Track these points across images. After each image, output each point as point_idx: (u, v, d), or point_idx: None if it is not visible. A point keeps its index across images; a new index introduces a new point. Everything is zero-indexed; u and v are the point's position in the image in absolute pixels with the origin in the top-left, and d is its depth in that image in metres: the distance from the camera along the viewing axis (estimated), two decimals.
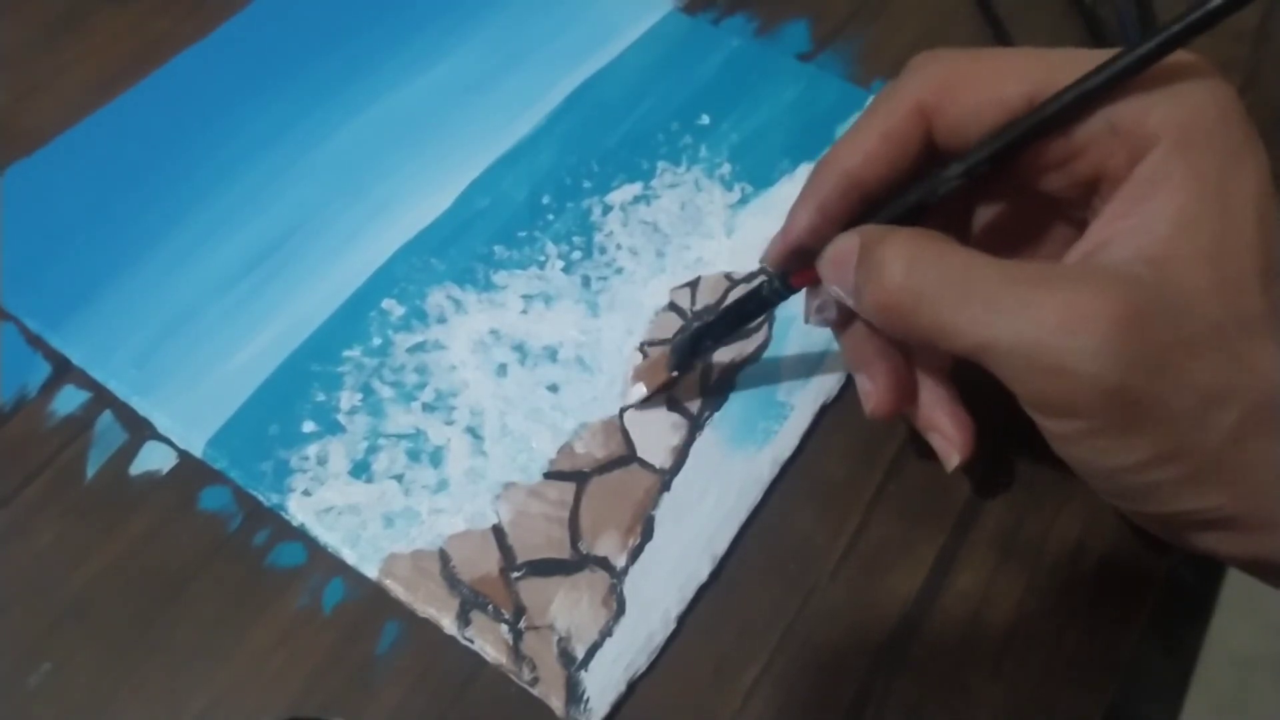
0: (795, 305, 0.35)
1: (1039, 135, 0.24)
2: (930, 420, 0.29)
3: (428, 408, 0.33)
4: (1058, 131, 0.24)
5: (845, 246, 0.25)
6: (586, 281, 0.36)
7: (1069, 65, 0.23)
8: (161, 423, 0.33)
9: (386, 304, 0.36)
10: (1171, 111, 0.22)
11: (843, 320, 0.29)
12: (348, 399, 0.33)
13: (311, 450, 0.32)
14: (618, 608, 0.29)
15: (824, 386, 0.34)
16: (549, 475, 0.32)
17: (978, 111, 0.24)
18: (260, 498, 0.32)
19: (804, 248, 0.27)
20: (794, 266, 0.28)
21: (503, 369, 0.34)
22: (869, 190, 0.26)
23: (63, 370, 0.35)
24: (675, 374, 0.32)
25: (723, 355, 0.34)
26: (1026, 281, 0.22)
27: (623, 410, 0.33)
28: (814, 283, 0.28)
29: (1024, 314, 0.21)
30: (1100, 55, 0.23)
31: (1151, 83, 0.22)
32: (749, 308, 0.30)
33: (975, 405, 0.29)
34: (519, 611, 0.29)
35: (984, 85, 0.24)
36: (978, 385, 0.26)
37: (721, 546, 0.30)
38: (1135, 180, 0.23)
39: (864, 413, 0.29)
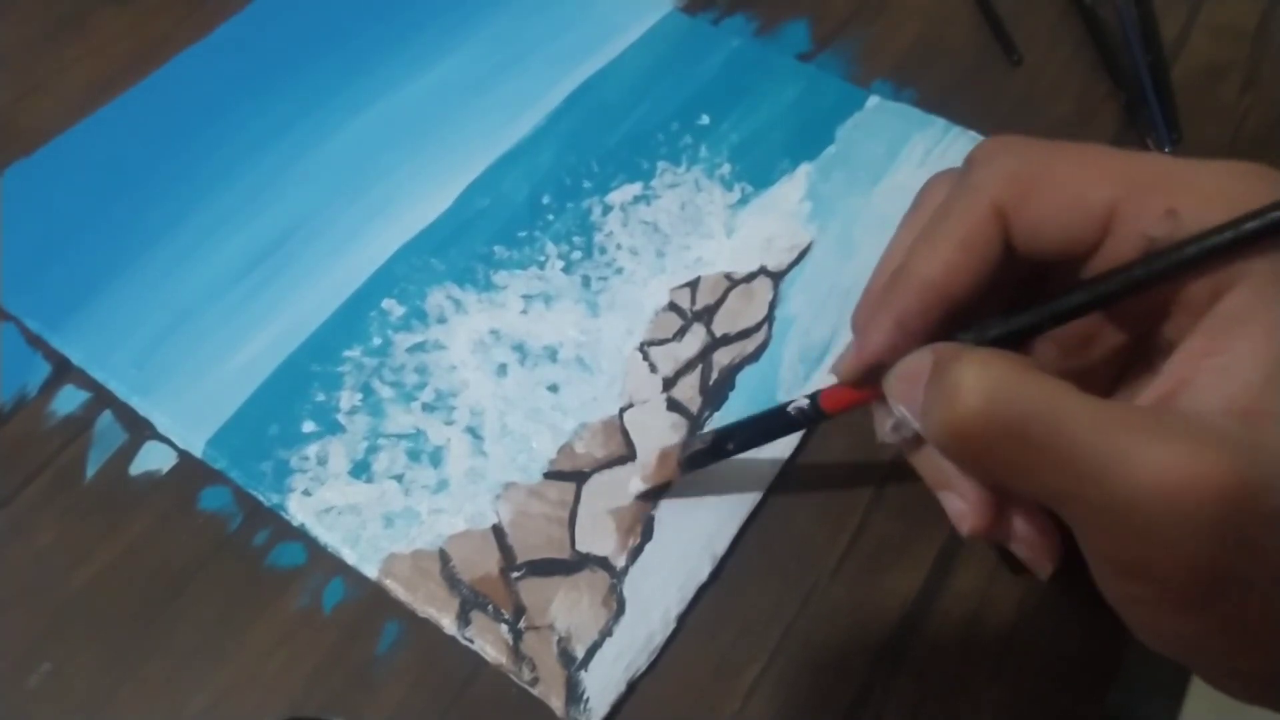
0: (796, 305, 0.36)
1: (1171, 277, 0.22)
2: (1014, 529, 0.26)
3: (428, 408, 0.33)
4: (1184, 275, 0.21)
5: (917, 364, 0.23)
6: (586, 281, 0.36)
7: (1151, 172, 0.22)
8: (161, 423, 0.33)
9: (386, 304, 0.36)
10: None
11: (919, 440, 0.26)
12: (348, 399, 0.33)
13: (311, 450, 0.32)
14: (618, 608, 0.29)
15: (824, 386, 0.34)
16: (549, 475, 0.32)
17: (1059, 216, 0.23)
18: (260, 498, 0.32)
19: (882, 365, 0.25)
20: (864, 382, 0.26)
21: (503, 369, 0.34)
22: (952, 301, 0.24)
23: (63, 370, 0.35)
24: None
25: (723, 355, 0.34)
26: (1122, 431, 0.19)
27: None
28: (846, 407, 0.26)
29: (1118, 471, 0.19)
30: (1177, 164, 0.22)
31: None
32: (774, 426, 0.29)
33: None
34: (519, 611, 0.29)
35: (1065, 187, 0.23)
36: None
37: (721, 546, 0.30)
38: (1221, 315, 0.21)
39: (960, 534, 0.26)
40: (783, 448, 0.32)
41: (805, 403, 0.27)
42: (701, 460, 0.30)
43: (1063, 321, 0.23)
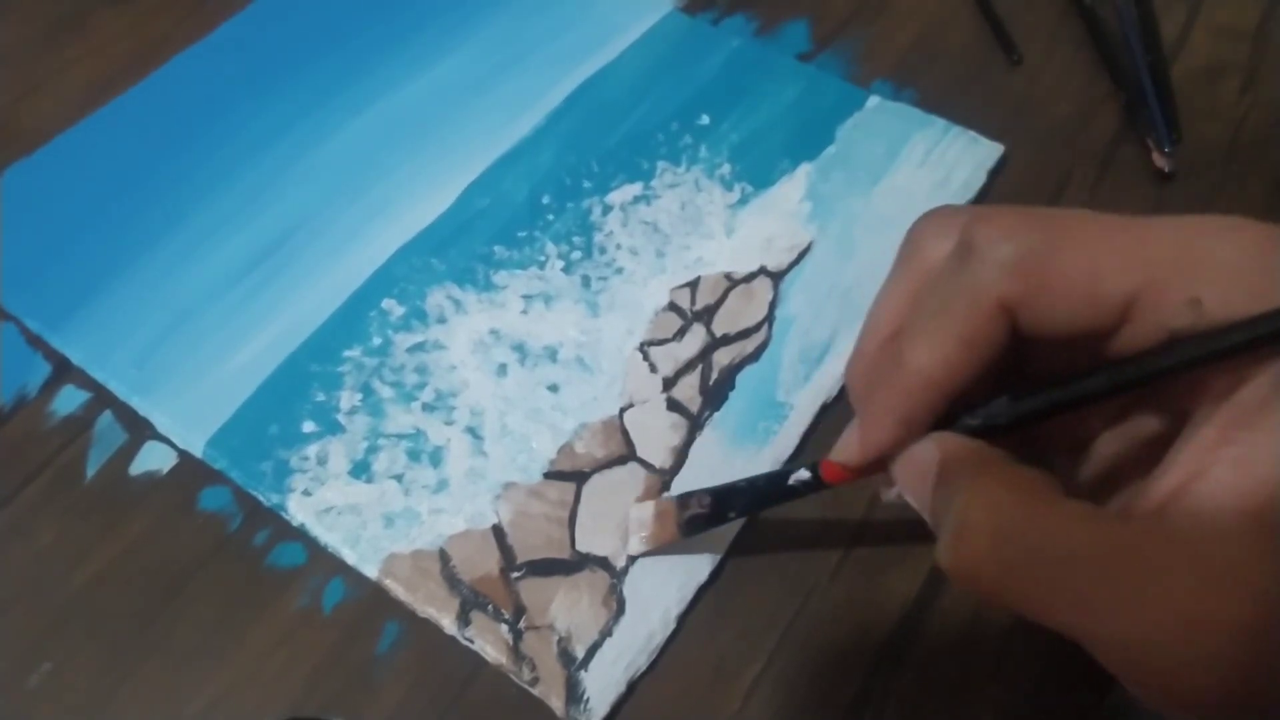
0: (796, 305, 0.35)
1: (1192, 368, 0.21)
2: None
3: (428, 408, 0.33)
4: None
5: (922, 458, 0.22)
6: (586, 281, 0.36)
7: (1170, 253, 0.21)
8: (161, 423, 0.33)
9: (386, 304, 0.36)
10: None
11: None
12: (348, 399, 0.33)
13: (311, 450, 0.32)
14: (618, 608, 0.29)
15: (823, 387, 0.34)
16: (549, 475, 0.32)
17: (1071, 309, 0.21)
18: (260, 498, 0.32)
19: (885, 459, 0.24)
20: (868, 471, 0.25)
21: (503, 369, 0.34)
22: (954, 394, 0.23)
23: (63, 370, 0.35)
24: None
25: (723, 355, 0.34)
26: (1138, 565, 0.18)
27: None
28: (846, 479, 0.26)
29: (1137, 611, 0.18)
30: (1196, 239, 0.21)
31: None
32: (773, 494, 0.28)
33: None
34: (519, 611, 0.29)
35: (1077, 280, 0.21)
36: None
37: (721, 547, 0.30)
38: (1239, 404, 0.20)
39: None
40: (783, 448, 0.32)
41: (806, 475, 0.27)
42: (701, 525, 0.29)
43: (1073, 409, 0.22)
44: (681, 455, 0.32)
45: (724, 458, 0.32)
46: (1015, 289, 0.22)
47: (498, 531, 0.31)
